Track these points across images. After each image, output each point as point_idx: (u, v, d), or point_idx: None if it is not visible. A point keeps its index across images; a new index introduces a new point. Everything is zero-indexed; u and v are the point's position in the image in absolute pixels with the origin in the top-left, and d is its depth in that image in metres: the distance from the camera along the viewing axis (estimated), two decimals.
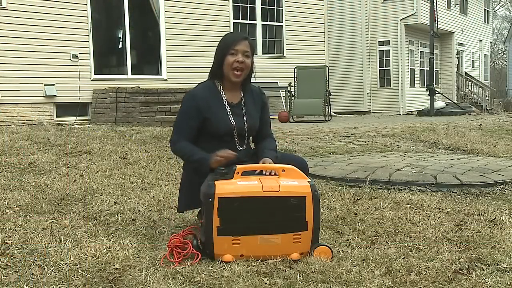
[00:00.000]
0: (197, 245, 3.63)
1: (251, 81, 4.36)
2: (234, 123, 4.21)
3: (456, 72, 33.70)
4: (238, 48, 4.13)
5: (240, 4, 18.79)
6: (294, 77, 18.63)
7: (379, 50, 28.35)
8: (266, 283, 3.18)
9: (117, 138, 9.96)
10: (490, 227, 4.38)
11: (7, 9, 13.87)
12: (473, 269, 3.44)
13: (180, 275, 3.29)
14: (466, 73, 35.38)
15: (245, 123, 4.27)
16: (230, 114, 4.21)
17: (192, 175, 4.14)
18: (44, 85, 14.39)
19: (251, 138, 4.40)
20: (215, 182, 3.59)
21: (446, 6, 31.34)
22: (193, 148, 4.12)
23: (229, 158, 3.91)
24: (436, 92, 22.72)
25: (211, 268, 3.40)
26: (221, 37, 4.28)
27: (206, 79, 4.35)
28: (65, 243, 3.88)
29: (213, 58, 4.24)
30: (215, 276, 3.29)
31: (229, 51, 4.13)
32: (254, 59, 4.28)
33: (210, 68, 4.28)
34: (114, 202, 5.29)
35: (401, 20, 27.66)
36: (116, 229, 4.37)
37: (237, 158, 3.98)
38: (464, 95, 33.85)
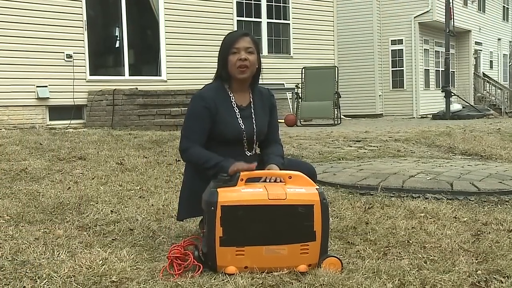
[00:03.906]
0: (199, 256, 3.62)
1: (259, 81, 4.36)
2: (243, 127, 4.21)
3: (473, 73, 33.69)
4: (239, 46, 4.13)
5: (244, 1, 18.84)
6: (302, 78, 18.63)
7: (391, 50, 28.37)
8: None
9: (113, 143, 9.96)
10: (510, 237, 4.38)
11: None
12: (491, 281, 3.43)
13: None
14: (484, 73, 35.36)
15: (254, 127, 4.27)
16: (239, 117, 4.21)
17: (194, 180, 4.13)
18: (37, 86, 14.41)
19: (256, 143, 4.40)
20: (218, 189, 3.59)
21: (462, 3, 31.35)
22: (208, 153, 4.07)
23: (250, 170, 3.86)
24: (452, 94, 22.73)
25: (213, 281, 3.40)
26: (224, 36, 4.28)
27: (209, 80, 4.36)
28: (58, 254, 3.88)
29: (216, 58, 4.24)
30: None
31: (231, 50, 4.13)
32: (260, 58, 4.29)
33: (212, 68, 4.29)
34: (111, 210, 5.29)
35: (415, 17, 27.68)
36: (112, 239, 4.38)
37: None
38: (482, 97, 33.84)
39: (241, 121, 4.20)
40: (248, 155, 4.28)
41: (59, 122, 14.70)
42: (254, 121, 4.26)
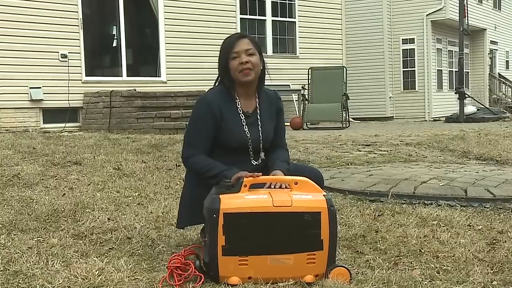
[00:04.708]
0: (200, 266, 3.62)
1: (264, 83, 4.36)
2: (249, 135, 4.21)
3: (489, 74, 33.65)
4: (238, 49, 4.12)
5: None
6: (308, 79, 18.64)
7: (402, 49, 28.34)
8: None
9: (110, 147, 9.97)
10: None
11: None
12: None
13: None
14: (499, 74, 35.32)
15: (260, 135, 4.26)
16: (244, 124, 4.21)
17: (195, 186, 4.13)
18: (30, 88, 14.41)
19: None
20: (220, 196, 3.59)
21: (477, 0, 31.31)
22: (211, 162, 4.07)
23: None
24: (466, 95, 22.69)
25: None
26: (226, 35, 4.28)
27: (211, 81, 4.35)
28: (53, 264, 3.89)
29: (217, 60, 4.24)
30: None
31: (230, 55, 4.12)
32: (264, 59, 4.28)
33: (215, 69, 4.28)
34: (108, 218, 5.30)
35: (427, 15, 27.64)
36: (109, 248, 4.38)
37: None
38: (498, 99, 33.78)
39: (246, 129, 4.20)
40: (254, 164, 4.27)
41: (53, 125, 14.68)
42: (260, 129, 4.26)
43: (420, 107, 28.22)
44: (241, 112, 4.22)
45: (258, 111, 4.29)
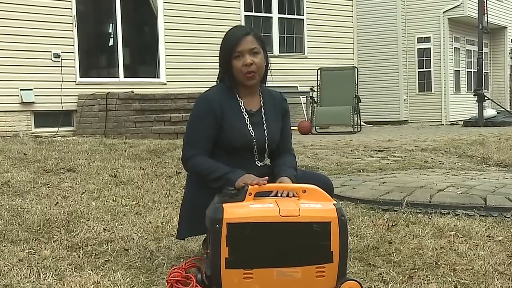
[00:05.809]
0: (202, 279, 3.62)
1: (269, 84, 4.35)
2: (253, 134, 4.20)
3: (510, 74, 33.57)
4: (242, 48, 4.11)
5: None
6: (317, 80, 18.63)
7: (418, 49, 28.32)
8: None
9: (106, 153, 9.98)
10: None
11: None
12: None
13: None
14: None
15: (266, 134, 4.26)
16: (248, 123, 4.21)
17: (196, 195, 4.13)
18: (20, 89, 14.40)
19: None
20: (223, 205, 3.58)
21: None
22: (214, 163, 4.07)
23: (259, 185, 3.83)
24: (486, 98, 22.65)
25: None
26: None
27: (213, 82, 4.35)
28: (45, 277, 3.89)
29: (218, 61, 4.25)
30: None
31: (233, 55, 4.12)
32: (268, 55, 4.27)
33: (218, 70, 4.28)
34: (104, 228, 5.30)
35: (444, 12, 27.61)
36: (105, 260, 4.38)
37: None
38: None
39: (250, 128, 4.20)
40: (259, 165, 4.28)
41: (45, 130, 14.70)
42: (265, 128, 4.26)
43: (436, 110, 28.17)
44: (244, 110, 4.22)
45: (263, 110, 4.30)
